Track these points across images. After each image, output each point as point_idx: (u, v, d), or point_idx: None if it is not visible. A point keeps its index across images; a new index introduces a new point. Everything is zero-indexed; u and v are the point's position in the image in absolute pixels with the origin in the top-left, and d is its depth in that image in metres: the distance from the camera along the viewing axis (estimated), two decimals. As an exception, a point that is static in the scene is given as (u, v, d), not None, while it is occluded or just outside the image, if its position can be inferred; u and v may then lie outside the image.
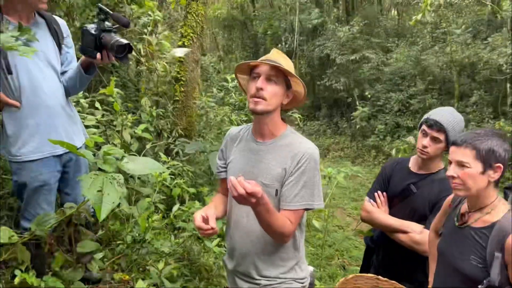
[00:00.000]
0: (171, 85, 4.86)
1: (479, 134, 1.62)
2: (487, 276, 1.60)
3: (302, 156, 1.70)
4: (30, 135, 2.19)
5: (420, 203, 2.21)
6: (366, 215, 2.37)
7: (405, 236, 2.18)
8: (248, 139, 1.86)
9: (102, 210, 1.74)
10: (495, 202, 1.66)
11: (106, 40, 2.02)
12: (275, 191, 1.72)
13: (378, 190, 2.39)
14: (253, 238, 1.77)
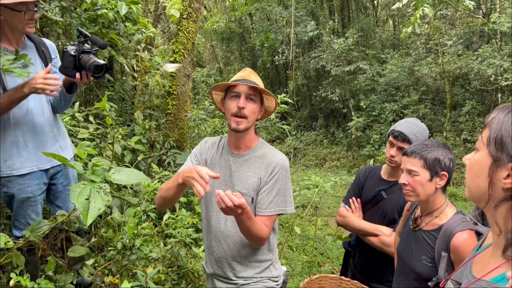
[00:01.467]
0: (164, 98, 5.05)
1: (427, 145, 1.80)
2: (436, 273, 1.76)
3: (275, 166, 1.88)
4: (19, 151, 2.32)
5: (389, 208, 2.37)
6: (341, 220, 2.53)
7: (375, 238, 2.34)
8: (224, 150, 2.00)
9: (88, 216, 1.92)
10: (443, 207, 1.84)
11: (85, 60, 2.17)
12: (251, 199, 1.88)
13: (353, 196, 2.56)
14: (230, 242, 1.93)
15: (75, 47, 2.23)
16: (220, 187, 1.91)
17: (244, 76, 1.90)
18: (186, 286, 3.15)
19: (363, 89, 13.50)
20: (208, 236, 2.01)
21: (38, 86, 2.10)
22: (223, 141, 2.05)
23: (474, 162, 1.01)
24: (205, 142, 2.08)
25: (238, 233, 1.87)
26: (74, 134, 3.69)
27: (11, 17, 2.20)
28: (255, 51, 18.10)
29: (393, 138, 2.29)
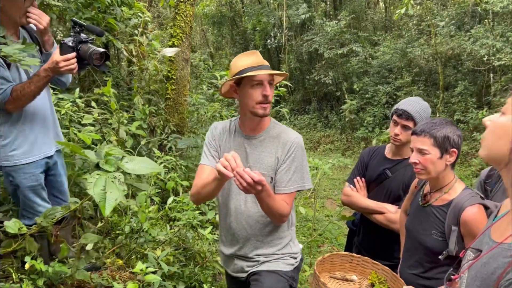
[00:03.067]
0: (163, 83, 5.03)
1: (435, 124, 1.84)
2: (446, 247, 1.82)
3: (291, 145, 1.93)
4: (25, 140, 2.32)
5: (394, 185, 2.43)
6: (346, 199, 2.58)
7: (381, 216, 2.41)
8: (237, 134, 2.03)
9: (106, 206, 1.95)
10: (452, 182, 1.89)
11: (84, 50, 2.16)
12: (270, 178, 1.93)
13: (357, 176, 2.61)
14: (251, 222, 1.97)
15: (72, 38, 2.20)
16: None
17: (258, 62, 1.89)
18: (194, 267, 3.21)
19: (356, 71, 13.52)
20: (227, 218, 2.04)
21: (64, 69, 2.12)
22: (234, 125, 2.07)
23: (499, 125, 1.04)
24: (215, 128, 2.09)
25: (259, 212, 1.93)
26: (76, 120, 3.68)
27: (9, 5, 2.16)
28: (246, 35, 17.97)
29: (397, 116, 2.33)
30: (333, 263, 2.14)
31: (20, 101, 2.20)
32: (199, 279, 3.13)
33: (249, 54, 1.94)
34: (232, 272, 2.12)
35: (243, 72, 1.85)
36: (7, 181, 2.37)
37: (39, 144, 2.38)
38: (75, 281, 2.50)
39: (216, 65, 11.13)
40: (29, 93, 2.18)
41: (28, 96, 2.20)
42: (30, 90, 2.17)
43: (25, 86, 2.18)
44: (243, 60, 1.90)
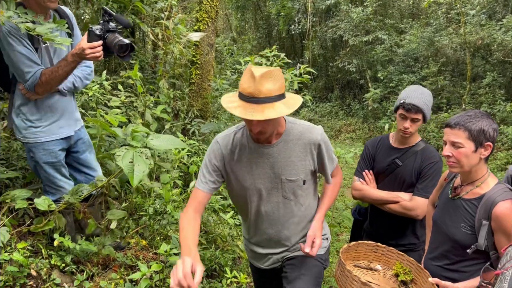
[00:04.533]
0: (187, 68, 5.04)
1: (470, 116, 1.79)
2: (475, 241, 1.79)
3: (321, 141, 1.91)
4: (46, 119, 2.40)
5: (407, 173, 2.43)
6: (358, 193, 2.57)
7: (396, 205, 2.41)
8: (250, 145, 1.88)
9: (134, 178, 2.01)
10: (485, 176, 1.85)
11: (110, 40, 2.19)
12: (302, 181, 1.92)
13: (365, 169, 2.60)
14: (286, 224, 1.99)
15: (100, 26, 2.23)
16: (264, 183, 1.90)
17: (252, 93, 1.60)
18: (215, 250, 3.25)
19: (380, 60, 13.26)
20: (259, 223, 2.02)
21: (89, 57, 2.15)
22: (243, 135, 1.91)
23: None
24: (219, 146, 1.91)
25: (292, 213, 1.96)
26: (102, 102, 3.74)
27: None
28: (270, 20, 17.79)
29: (406, 111, 2.30)
30: (358, 251, 2.14)
31: (48, 85, 2.27)
32: (219, 262, 3.18)
33: (250, 77, 1.62)
34: (266, 266, 2.14)
35: (240, 93, 1.67)
36: (29, 157, 2.46)
37: (60, 124, 2.45)
38: (100, 259, 2.56)
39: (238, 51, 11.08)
40: (57, 77, 2.24)
41: (56, 80, 2.26)
42: (58, 74, 2.23)
43: (53, 70, 2.23)
44: (244, 81, 1.65)
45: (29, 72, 2.20)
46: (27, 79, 2.21)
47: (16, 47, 2.16)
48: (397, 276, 2.03)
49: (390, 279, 2.06)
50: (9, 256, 2.11)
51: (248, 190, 1.92)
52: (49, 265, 2.32)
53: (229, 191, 2.07)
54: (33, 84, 2.22)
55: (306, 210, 2.01)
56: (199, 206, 1.87)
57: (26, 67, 2.20)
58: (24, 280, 2.14)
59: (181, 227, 1.77)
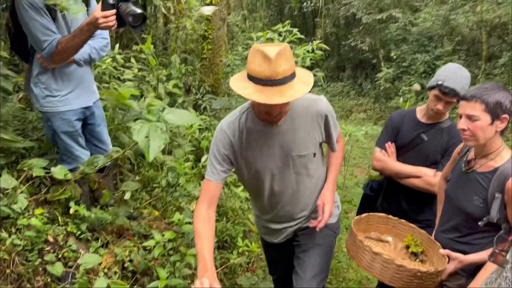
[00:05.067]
0: (199, 43, 5.02)
1: (487, 89, 1.76)
2: (486, 214, 1.79)
3: (327, 111, 1.90)
4: (63, 88, 2.43)
5: (431, 149, 2.38)
6: (379, 164, 2.53)
7: (418, 180, 2.37)
8: (257, 127, 1.83)
9: (150, 153, 2.03)
10: (500, 149, 1.83)
11: (123, 9, 2.17)
12: (312, 155, 1.92)
13: (388, 141, 2.57)
14: (303, 198, 2.01)
15: None
16: (275, 162, 1.88)
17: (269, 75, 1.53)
18: (226, 222, 3.30)
19: (394, 38, 13.03)
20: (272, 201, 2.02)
21: (103, 26, 2.15)
22: (248, 117, 1.85)
23: None
24: (223, 133, 1.86)
25: (305, 187, 1.98)
26: (116, 75, 3.75)
27: None
28: (282, -3, 17.50)
29: (442, 94, 2.22)
30: (369, 223, 2.15)
31: (65, 54, 2.29)
32: (230, 234, 3.23)
33: (263, 58, 1.53)
34: (279, 240, 2.17)
35: (250, 77, 1.59)
36: (47, 126, 2.50)
37: (77, 94, 2.48)
38: (115, 228, 2.62)
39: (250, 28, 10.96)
40: (73, 46, 2.26)
41: (72, 49, 2.28)
42: (74, 43, 2.24)
43: (69, 39, 2.25)
44: (256, 63, 1.56)
45: (46, 41, 2.22)
46: (44, 48, 2.24)
47: (34, 16, 2.18)
48: (407, 248, 2.05)
49: (401, 250, 2.08)
50: (27, 221, 2.17)
51: (259, 172, 1.91)
52: (65, 232, 2.38)
53: (239, 176, 2.03)
54: (50, 53, 2.25)
55: (318, 181, 2.03)
56: (213, 199, 1.85)
57: (43, 35, 2.22)
58: (42, 245, 2.21)
59: (196, 231, 1.75)
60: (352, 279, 3.63)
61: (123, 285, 2.20)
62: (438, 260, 1.90)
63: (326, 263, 2.04)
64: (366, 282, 3.60)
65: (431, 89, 2.29)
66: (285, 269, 2.26)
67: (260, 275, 3.26)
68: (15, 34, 2.42)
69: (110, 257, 2.41)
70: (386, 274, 1.76)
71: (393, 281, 1.77)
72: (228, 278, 2.94)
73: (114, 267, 2.38)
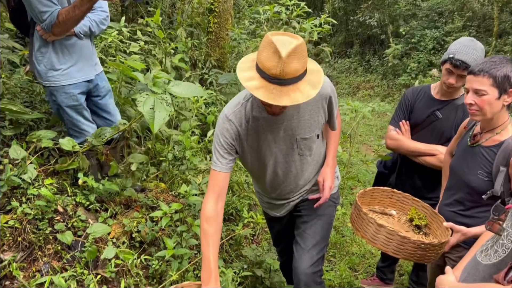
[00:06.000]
0: (205, 16, 4.96)
1: (495, 62, 1.74)
2: (491, 187, 1.80)
3: (331, 93, 1.89)
4: (65, 62, 2.43)
5: (446, 126, 2.38)
6: (393, 143, 2.52)
7: (433, 158, 2.38)
8: (263, 115, 1.81)
9: (155, 124, 2.04)
10: (506, 123, 1.83)
11: None
12: (316, 136, 1.93)
13: (402, 119, 2.55)
14: (305, 175, 2.03)
15: None
16: (279, 146, 1.89)
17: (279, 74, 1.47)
18: (231, 196, 3.34)
19: (403, 14, 12.78)
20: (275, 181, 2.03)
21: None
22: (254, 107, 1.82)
23: None
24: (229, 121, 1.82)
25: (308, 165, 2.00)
26: (121, 49, 3.74)
27: None
28: (289, -29, 17.12)
29: (454, 67, 2.20)
30: (373, 197, 2.17)
31: (65, 25, 2.28)
32: (236, 207, 3.27)
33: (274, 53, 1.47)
34: (282, 214, 2.21)
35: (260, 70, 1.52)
36: (51, 101, 2.51)
37: (79, 67, 2.48)
38: (123, 199, 2.67)
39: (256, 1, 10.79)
40: (73, 17, 2.24)
41: (73, 20, 2.26)
42: (75, 14, 2.22)
43: (70, 10, 2.23)
44: (267, 58, 1.49)
45: (46, 12, 2.21)
46: (44, 19, 2.23)
47: None
48: (411, 221, 2.08)
49: (404, 223, 2.11)
50: (38, 191, 2.21)
51: (264, 157, 1.92)
52: (74, 202, 2.43)
53: (242, 161, 2.03)
54: (50, 24, 2.23)
55: (319, 157, 2.06)
56: (222, 192, 1.81)
57: (43, 6, 2.21)
58: (52, 214, 2.26)
59: (203, 231, 1.75)
60: (355, 253, 3.69)
61: (131, 254, 2.26)
62: (441, 233, 1.93)
63: (326, 232, 2.09)
64: (369, 255, 3.66)
65: (443, 63, 2.28)
66: (288, 241, 2.31)
67: (265, 246, 3.32)
68: (14, 7, 2.42)
69: (118, 228, 2.46)
70: (390, 246, 1.79)
71: (397, 252, 1.80)
72: (233, 249, 3.00)
73: (122, 237, 2.43)
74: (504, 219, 1.30)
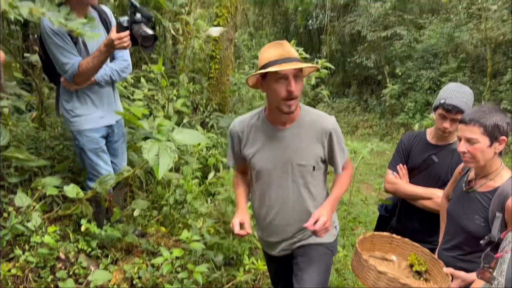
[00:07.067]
0: (206, 62, 5.13)
1: (484, 112, 1.81)
2: (488, 233, 1.83)
3: (332, 130, 1.96)
4: (88, 109, 2.60)
5: (442, 171, 2.41)
6: (391, 186, 2.56)
7: (430, 202, 2.40)
8: (265, 128, 1.97)
9: (159, 171, 2.10)
10: (499, 169, 1.88)
11: (135, 30, 2.34)
12: (312, 167, 1.97)
13: (399, 163, 2.61)
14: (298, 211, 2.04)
15: (127, 18, 2.37)
16: (276, 165, 1.97)
17: (284, 54, 1.80)
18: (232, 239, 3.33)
19: (399, 55, 13.15)
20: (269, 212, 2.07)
21: (118, 46, 2.32)
22: (260, 117, 2.00)
23: None
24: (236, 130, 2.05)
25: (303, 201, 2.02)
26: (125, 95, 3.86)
27: None
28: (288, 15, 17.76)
29: (446, 112, 2.28)
30: (373, 242, 2.19)
31: (86, 75, 2.46)
32: (236, 251, 3.26)
33: (276, 45, 1.84)
34: (277, 253, 2.20)
35: (267, 65, 1.79)
36: (75, 144, 2.66)
37: (100, 113, 2.64)
38: (124, 244, 2.68)
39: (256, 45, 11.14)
40: (93, 67, 2.42)
41: (92, 69, 2.44)
42: (94, 64, 2.40)
43: (89, 60, 2.41)
44: (270, 52, 1.82)
45: (68, 63, 2.40)
46: (67, 70, 2.41)
47: (56, 42, 2.37)
48: (411, 267, 2.08)
49: (405, 269, 2.11)
50: (41, 239, 2.24)
51: (260, 172, 2.00)
52: (76, 248, 2.45)
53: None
54: (72, 74, 2.42)
55: (316, 201, 2.05)
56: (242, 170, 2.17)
57: (65, 58, 2.40)
58: (54, 262, 2.27)
59: (235, 183, 2.19)
60: (358, 297, 3.64)
61: (132, 301, 2.25)
62: (442, 278, 1.93)
63: (323, 281, 2.06)
64: (372, 300, 3.60)
65: (436, 109, 2.36)
66: (286, 284, 2.29)
67: (266, 292, 3.29)
68: (45, 60, 2.61)
69: (120, 274, 2.46)
70: (390, 293, 1.79)
71: (397, 299, 1.79)
72: (234, 295, 2.97)
73: (123, 284, 2.43)
74: (495, 267, 1.32)
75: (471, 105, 2.28)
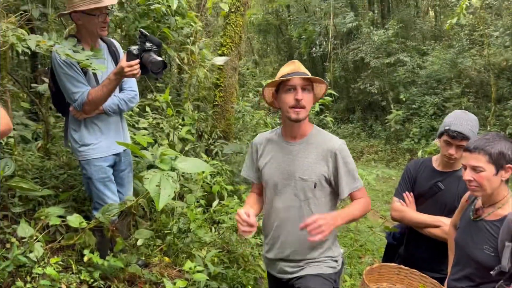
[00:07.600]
0: (211, 90, 5.19)
1: (489, 140, 1.81)
2: (498, 263, 1.79)
3: (337, 150, 2.00)
4: (95, 138, 2.60)
5: (449, 198, 2.38)
6: (398, 214, 2.52)
7: (437, 230, 2.35)
8: (278, 141, 2.12)
9: (160, 201, 2.08)
10: (507, 198, 1.85)
11: (145, 58, 2.39)
12: (313, 184, 2.00)
13: (405, 190, 2.58)
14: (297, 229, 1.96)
15: (137, 46, 2.42)
16: (280, 176, 2.05)
17: (294, 69, 1.98)
18: (237, 269, 3.28)
19: (403, 81, 13.25)
20: (272, 221, 2.11)
21: (128, 74, 2.37)
22: (276, 133, 2.18)
23: None
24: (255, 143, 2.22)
25: (303, 216, 1.97)
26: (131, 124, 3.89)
27: (87, 21, 2.47)
28: (292, 43, 18.08)
29: (451, 138, 2.27)
30: (381, 274, 2.15)
31: (94, 103, 2.48)
32: (241, 281, 3.21)
33: (289, 63, 2.05)
34: (276, 273, 2.18)
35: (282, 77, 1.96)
36: (83, 174, 2.65)
37: (108, 142, 2.64)
38: (127, 275, 2.64)
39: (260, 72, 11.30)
40: (102, 95, 2.45)
41: (101, 98, 2.47)
42: (103, 92, 2.44)
43: (98, 89, 2.46)
44: (283, 69, 2.02)
45: (77, 92, 2.43)
46: (76, 99, 2.44)
47: (66, 71, 2.41)
48: (420, 298, 2.04)
49: (413, 300, 2.06)
50: (43, 270, 2.21)
51: (267, 182, 2.10)
52: (78, 280, 2.41)
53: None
54: (81, 103, 2.44)
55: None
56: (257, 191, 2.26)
57: (75, 88, 2.44)
58: (56, 294, 2.23)
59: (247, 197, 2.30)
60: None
61: (134, 335, 2.20)
62: (451, 310, 1.88)
63: None
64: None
65: (441, 136, 2.35)
66: None
67: (272, 324, 3.20)
68: (55, 92, 2.64)
69: (122, 306, 2.42)
70: (398, 326, 1.75)
71: (406, 332, 1.74)
72: (239, 327, 2.90)
73: (125, 316, 2.38)
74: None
75: (476, 132, 2.28)
